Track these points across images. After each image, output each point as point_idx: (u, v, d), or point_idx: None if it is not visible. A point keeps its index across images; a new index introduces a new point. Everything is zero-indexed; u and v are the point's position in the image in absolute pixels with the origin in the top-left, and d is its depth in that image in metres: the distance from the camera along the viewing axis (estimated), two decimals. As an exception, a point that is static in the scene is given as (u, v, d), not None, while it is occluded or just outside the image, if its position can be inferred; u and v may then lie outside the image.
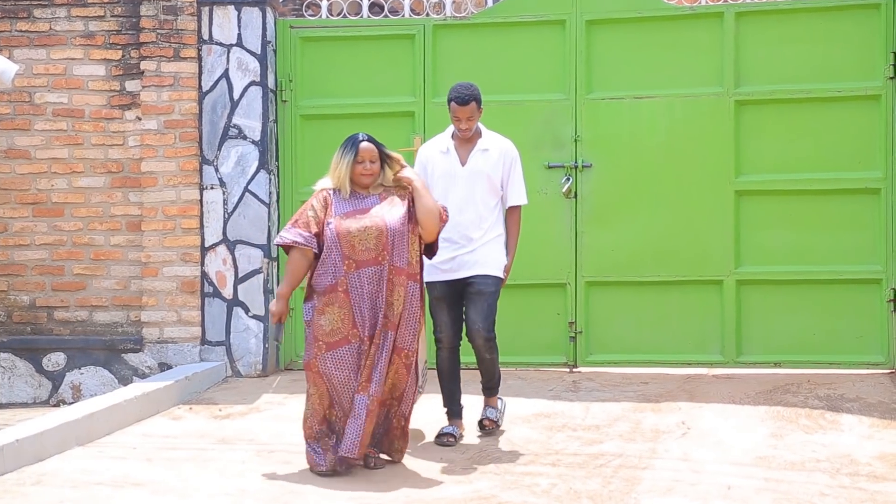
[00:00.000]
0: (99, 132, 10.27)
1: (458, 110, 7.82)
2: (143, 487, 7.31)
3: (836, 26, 9.65)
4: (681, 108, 9.87)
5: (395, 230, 7.08)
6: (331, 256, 7.05)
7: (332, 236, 7.05)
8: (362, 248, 7.03)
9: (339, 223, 7.06)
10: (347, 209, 7.13)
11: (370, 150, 7.22)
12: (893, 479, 7.47)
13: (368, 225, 7.04)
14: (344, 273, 7.03)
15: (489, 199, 7.89)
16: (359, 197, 7.21)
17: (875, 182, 9.54)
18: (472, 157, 7.90)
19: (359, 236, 7.03)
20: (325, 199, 7.17)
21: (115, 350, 10.17)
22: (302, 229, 7.11)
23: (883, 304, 9.52)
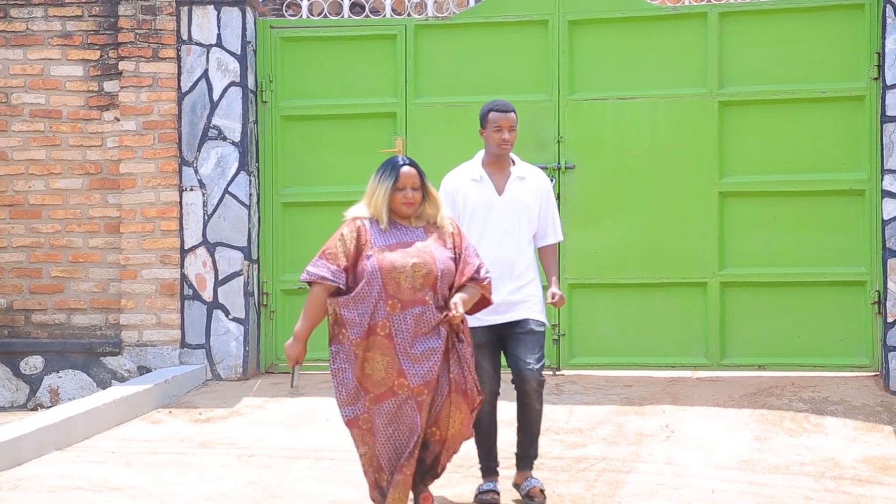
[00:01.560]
0: (77, 133, 10.25)
1: (501, 119, 7.03)
2: (122, 492, 7.31)
3: (820, 27, 9.68)
4: (664, 109, 9.89)
5: (446, 270, 6.18)
6: (371, 294, 6.07)
7: (374, 271, 6.08)
8: (408, 287, 6.06)
9: (381, 257, 6.10)
10: (389, 241, 6.18)
11: (412, 175, 6.28)
12: (878, 483, 7.49)
13: (417, 261, 6.10)
14: (387, 314, 6.05)
15: (528, 232, 7.07)
16: (400, 228, 6.26)
17: (859, 183, 9.57)
18: (510, 185, 7.03)
19: (405, 273, 6.06)
20: (359, 230, 6.21)
21: (93, 353, 10.15)
22: (329, 262, 6.18)
23: (867, 306, 9.54)
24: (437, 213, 6.29)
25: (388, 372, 6.05)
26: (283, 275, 10.28)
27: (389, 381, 6.05)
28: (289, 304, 10.28)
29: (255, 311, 10.20)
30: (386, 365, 6.05)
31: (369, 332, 6.06)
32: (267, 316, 10.28)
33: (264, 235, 10.28)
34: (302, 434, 8.63)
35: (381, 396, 6.07)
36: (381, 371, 6.06)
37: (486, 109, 7.11)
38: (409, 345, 6.03)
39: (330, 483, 7.56)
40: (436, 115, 10.14)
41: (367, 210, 6.31)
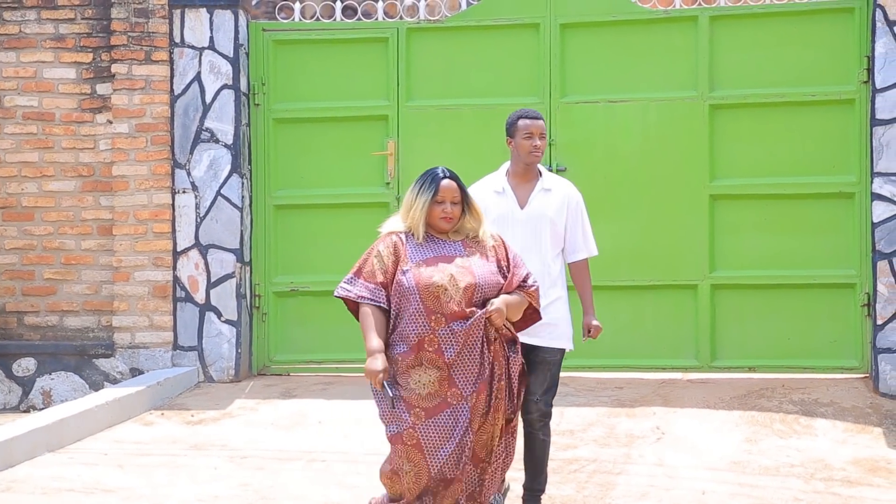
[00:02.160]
0: (70, 136, 10.26)
1: (532, 126, 6.67)
2: (115, 494, 7.32)
3: (810, 30, 9.70)
4: (655, 112, 9.91)
5: (488, 285, 5.86)
6: (409, 310, 5.80)
7: (411, 287, 5.80)
8: (447, 301, 5.76)
9: (417, 272, 5.81)
10: (426, 255, 5.88)
11: (452, 189, 5.96)
12: (867, 484, 7.52)
13: (455, 275, 5.80)
14: (431, 330, 5.77)
15: (553, 248, 6.72)
16: (438, 242, 5.96)
17: (849, 186, 9.59)
18: (534, 198, 6.68)
19: (443, 287, 5.77)
20: (396, 245, 5.91)
21: (86, 355, 10.17)
22: (367, 280, 5.90)
23: (857, 308, 9.57)
24: (479, 227, 5.98)
25: (440, 385, 5.77)
26: (275, 277, 10.30)
27: (442, 394, 5.78)
28: (281, 307, 10.30)
29: (248, 314, 10.22)
30: (438, 378, 5.77)
31: (413, 349, 5.79)
32: (259, 318, 10.30)
33: (256, 238, 10.29)
34: (294, 436, 8.65)
35: (435, 409, 5.78)
36: (433, 384, 5.77)
37: (515, 117, 6.76)
38: (457, 356, 5.76)
39: (322, 484, 7.58)
40: (428, 118, 10.16)
41: (402, 223, 5.99)
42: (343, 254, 10.20)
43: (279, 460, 8.07)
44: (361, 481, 7.62)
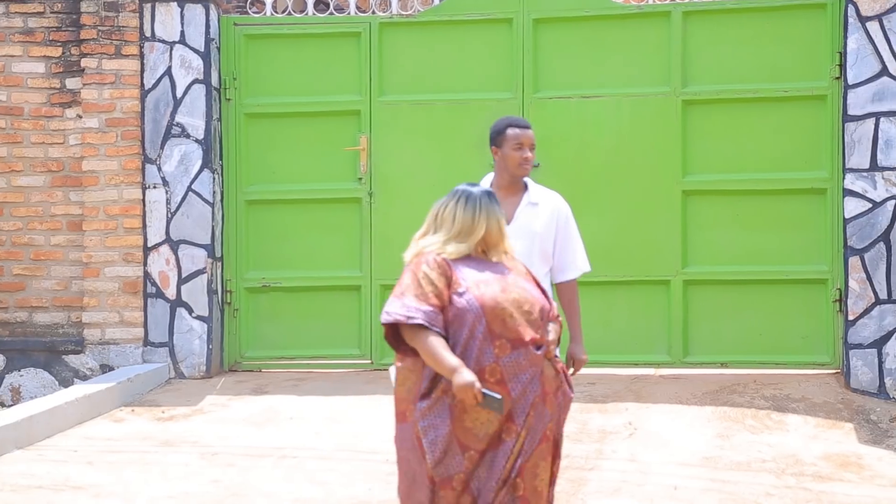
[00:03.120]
0: (39, 130, 10.23)
1: (522, 136, 6.26)
2: (84, 491, 7.31)
3: (782, 26, 9.74)
4: (628, 108, 9.93)
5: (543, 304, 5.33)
6: (470, 336, 5.12)
7: (475, 309, 5.13)
8: (513, 325, 5.13)
9: (479, 293, 5.16)
10: (481, 276, 5.24)
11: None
12: (838, 479, 7.56)
13: (517, 296, 5.20)
14: (495, 357, 5.10)
15: (541, 266, 6.28)
16: (482, 262, 5.33)
17: (821, 182, 9.64)
18: (520, 212, 6.29)
19: (508, 309, 5.15)
20: (442, 266, 5.24)
21: (55, 352, 10.14)
22: (420, 302, 5.17)
23: (829, 304, 9.62)
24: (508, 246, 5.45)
25: (500, 421, 5.12)
26: (246, 273, 10.29)
27: (499, 426, 5.13)
28: (252, 302, 10.29)
29: (219, 310, 10.21)
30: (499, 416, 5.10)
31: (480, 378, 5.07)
32: (230, 314, 10.28)
33: (228, 233, 10.27)
34: (265, 432, 8.65)
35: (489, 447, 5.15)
36: (494, 423, 5.10)
37: (503, 125, 6.31)
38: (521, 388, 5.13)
39: (293, 481, 7.58)
40: (400, 113, 10.16)
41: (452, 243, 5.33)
42: (315, 249, 10.24)
43: (250, 457, 8.07)
44: (333, 478, 7.63)
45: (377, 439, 8.32)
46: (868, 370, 9.24)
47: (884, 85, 9.28)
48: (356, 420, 8.83)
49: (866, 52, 9.32)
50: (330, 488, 7.44)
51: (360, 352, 10.18)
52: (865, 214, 9.31)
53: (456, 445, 5.10)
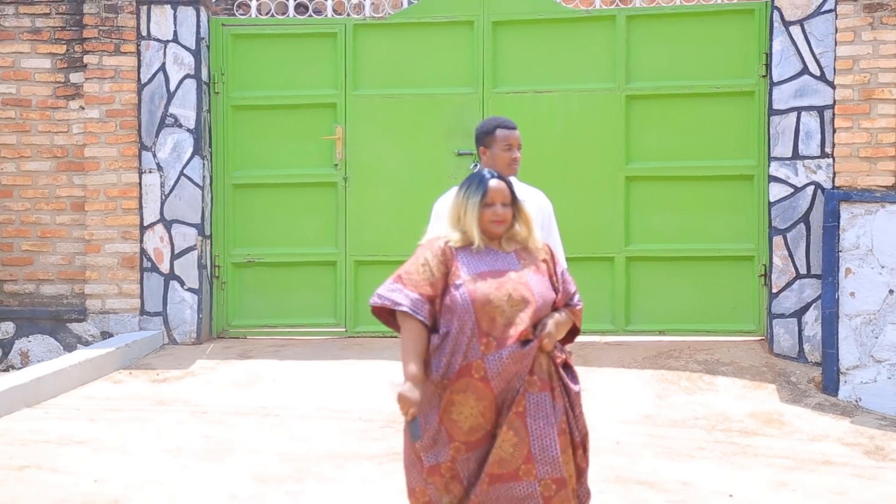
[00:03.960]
0: (45, 120, 10.19)
1: (511, 136, 5.78)
2: (87, 445, 7.31)
3: (715, 29, 9.77)
4: (577, 102, 9.96)
5: (545, 304, 4.80)
6: (459, 331, 4.71)
7: (465, 304, 4.70)
8: (503, 323, 4.69)
9: (473, 287, 4.72)
10: (480, 268, 4.78)
11: (502, 190, 4.88)
12: (762, 434, 7.64)
13: (512, 293, 4.72)
14: (481, 354, 4.68)
15: None
16: (490, 253, 4.84)
17: (749, 169, 9.70)
18: None
19: (501, 307, 4.70)
20: (445, 253, 4.80)
21: (60, 320, 10.12)
22: (408, 288, 4.76)
23: (755, 278, 9.69)
24: (530, 236, 4.91)
25: (485, 416, 4.70)
26: (233, 249, 10.29)
27: (488, 426, 4.71)
28: (238, 276, 10.29)
29: (208, 282, 10.21)
30: (483, 409, 4.68)
31: (460, 374, 4.69)
32: (218, 286, 10.29)
33: (216, 214, 10.27)
34: (250, 393, 8.66)
35: (477, 443, 4.72)
36: (476, 417, 4.69)
37: (492, 126, 5.82)
38: (506, 385, 4.69)
39: (276, 437, 7.60)
40: (373, 106, 10.17)
41: (452, 230, 4.88)
42: (295, 228, 10.25)
43: (237, 415, 8.08)
44: (312, 434, 7.65)
45: (351, 399, 8.35)
46: (789, 337, 9.32)
47: (805, 82, 9.35)
48: (332, 382, 8.85)
49: (789, 53, 9.38)
50: (309, 443, 7.46)
51: (336, 320, 10.20)
52: (788, 198, 9.38)
53: (444, 435, 4.72)
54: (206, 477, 6.84)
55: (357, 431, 7.62)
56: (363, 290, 10.00)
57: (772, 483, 6.84)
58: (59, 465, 6.90)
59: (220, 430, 7.71)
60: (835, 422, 8.09)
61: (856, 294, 8.82)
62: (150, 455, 7.18)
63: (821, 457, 7.36)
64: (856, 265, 8.83)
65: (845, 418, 8.19)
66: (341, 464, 7.06)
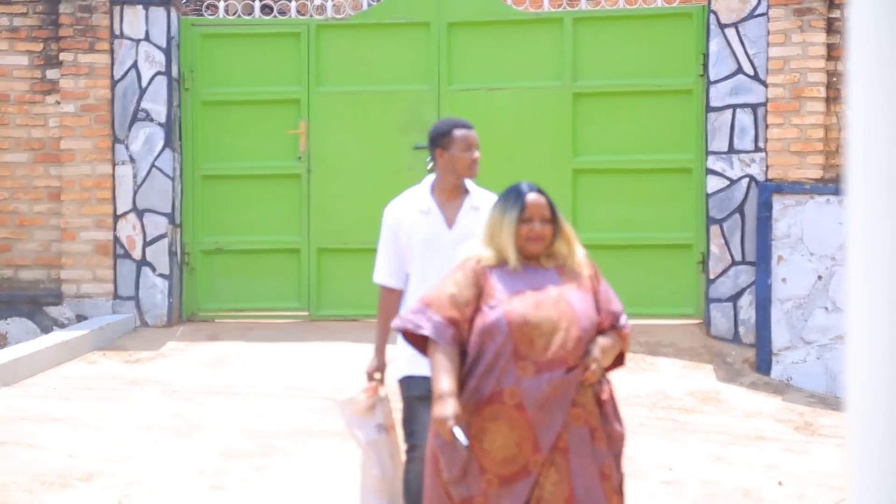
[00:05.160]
0: (23, 114, 10.08)
1: (469, 136, 5.27)
2: (62, 422, 7.26)
3: (656, 31, 9.80)
4: (527, 99, 9.97)
5: (588, 323, 4.15)
6: (494, 353, 4.08)
7: (500, 324, 4.08)
8: (542, 346, 4.05)
9: (510, 308, 4.10)
10: (517, 287, 4.16)
11: (540, 205, 4.29)
12: (700, 412, 7.67)
13: (553, 314, 4.09)
14: (516, 379, 4.05)
15: None
16: (528, 271, 4.23)
17: (687, 163, 9.73)
18: (462, 216, 5.21)
19: (539, 328, 4.06)
20: (476, 273, 4.20)
21: (37, 303, 10.03)
22: (433, 312, 4.16)
23: (694, 265, 9.73)
24: (571, 255, 4.31)
25: (520, 447, 4.05)
26: (202, 237, 10.22)
27: (523, 459, 4.05)
28: (207, 262, 10.23)
29: (178, 268, 10.14)
30: (518, 440, 4.04)
31: (491, 400, 4.07)
32: (188, 272, 10.22)
33: (186, 203, 10.20)
34: (219, 373, 8.62)
35: (513, 477, 4.06)
36: (511, 447, 4.05)
37: (447, 127, 5.28)
38: (544, 414, 4.04)
39: (243, 415, 7.57)
40: (335, 102, 10.12)
41: (487, 249, 4.27)
42: (261, 218, 10.19)
43: (206, 394, 8.05)
44: (277, 412, 7.63)
45: (315, 380, 8.33)
46: (725, 320, 9.36)
47: (739, 81, 9.38)
48: (297, 363, 8.83)
49: (725, 54, 9.41)
50: (274, 421, 7.43)
51: (300, 305, 10.17)
52: (724, 190, 9.42)
53: (475, 466, 4.08)
54: (176, 452, 6.80)
55: (320, 410, 7.59)
56: (326, 275, 9.99)
57: (709, 457, 6.86)
58: (35, 441, 6.84)
59: (189, 409, 7.67)
60: (767, 399, 8.14)
61: (787, 280, 8.87)
62: (123, 432, 7.13)
63: (755, 432, 7.40)
64: (787, 253, 8.87)
65: (777, 396, 8.24)
66: (305, 440, 7.03)
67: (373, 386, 5.16)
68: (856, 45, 1.55)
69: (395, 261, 5.18)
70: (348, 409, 5.15)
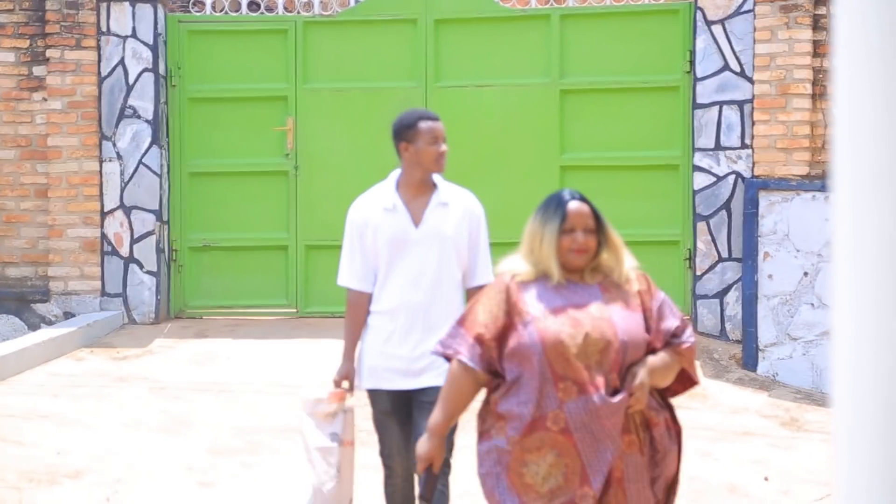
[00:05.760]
0: (10, 111, 10.05)
1: (435, 128, 4.96)
2: (50, 419, 7.24)
3: (643, 28, 9.81)
4: (515, 96, 9.97)
5: (631, 342, 3.78)
6: (530, 375, 3.75)
7: (534, 344, 3.74)
8: (582, 365, 3.71)
9: (543, 326, 3.75)
10: (554, 304, 3.82)
11: (583, 213, 3.92)
12: (687, 407, 7.65)
13: (590, 331, 3.74)
14: (559, 402, 3.70)
15: (454, 272, 4.92)
16: (568, 286, 3.87)
17: (675, 160, 9.74)
18: (429, 214, 4.92)
19: (575, 346, 3.72)
20: (509, 290, 3.86)
21: (25, 301, 10.00)
22: (468, 331, 3.86)
23: (680, 261, 9.74)
24: (618, 266, 3.96)
25: (568, 478, 3.69)
26: (189, 234, 10.20)
27: (570, 491, 3.69)
28: (194, 259, 10.22)
29: (166, 265, 10.12)
30: (565, 469, 3.69)
31: (533, 427, 3.72)
32: (176, 269, 10.20)
33: (173, 200, 10.18)
34: (206, 370, 8.61)
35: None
36: (556, 477, 3.69)
37: (413, 119, 4.97)
38: (593, 440, 3.68)
39: (231, 411, 7.57)
40: (322, 99, 10.11)
41: (524, 262, 3.93)
42: (248, 214, 10.18)
43: (193, 391, 8.04)
44: (265, 408, 7.62)
45: (301, 376, 8.32)
46: (712, 317, 9.38)
47: (726, 78, 9.40)
48: (284, 360, 8.82)
49: (712, 51, 9.42)
50: (262, 417, 7.43)
51: (287, 302, 10.16)
52: (711, 187, 9.44)
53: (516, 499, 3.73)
54: (164, 449, 6.79)
55: (307, 406, 7.58)
56: (313, 272, 9.98)
57: (697, 453, 6.87)
58: (23, 438, 6.82)
59: (177, 405, 7.66)
60: (754, 395, 8.15)
61: (773, 276, 8.89)
62: (111, 428, 7.12)
63: (741, 428, 7.41)
64: (773, 249, 8.89)
65: (763, 392, 8.25)
66: (292, 436, 7.02)
67: (338, 393, 4.95)
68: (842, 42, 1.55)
69: (361, 262, 4.95)
70: (309, 407, 4.97)
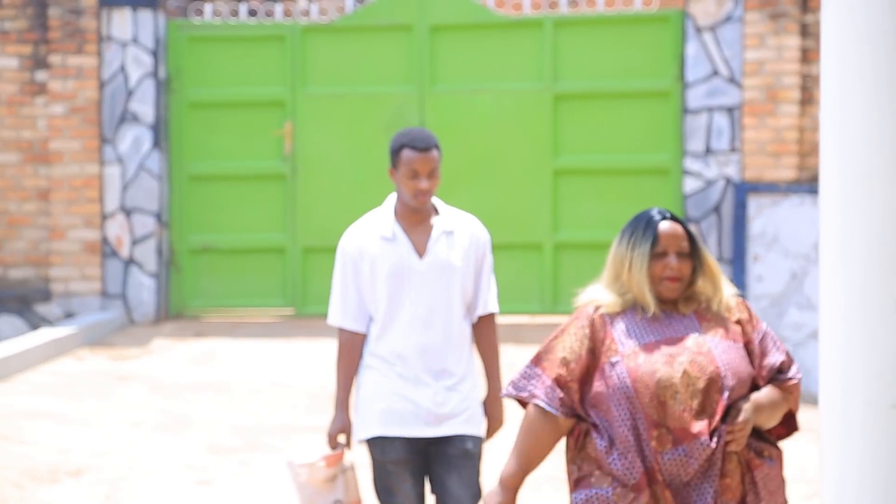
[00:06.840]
0: (12, 115, 10.04)
1: (417, 160, 4.40)
2: (51, 418, 7.25)
3: (634, 34, 9.83)
4: (508, 101, 9.98)
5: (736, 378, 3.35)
6: (620, 422, 3.31)
7: (623, 386, 3.32)
8: (680, 409, 3.27)
9: (635, 364, 3.33)
10: (646, 339, 3.39)
11: (677, 235, 3.49)
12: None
13: (688, 368, 3.30)
14: (654, 453, 3.27)
15: (460, 307, 4.44)
16: (661, 319, 3.44)
17: (665, 164, 9.75)
18: (434, 243, 4.42)
19: (672, 388, 3.28)
20: (594, 323, 3.49)
21: (27, 302, 9.99)
22: (547, 372, 3.45)
23: (671, 263, 9.75)
24: (717, 294, 3.50)
25: None
26: (189, 236, 10.19)
27: None
28: (194, 261, 10.20)
29: (165, 267, 10.12)
30: None
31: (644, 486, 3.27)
32: (175, 271, 10.19)
33: (173, 203, 10.18)
34: (205, 370, 8.61)
35: None
36: None
37: (399, 144, 4.47)
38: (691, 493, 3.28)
39: (230, 411, 7.57)
40: (320, 103, 10.11)
41: (608, 291, 3.56)
42: (247, 217, 10.18)
43: (192, 390, 8.04)
44: (263, 408, 7.63)
45: (299, 375, 8.33)
46: (702, 317, 9.38)
47: (715, 84, 9.42)
48: (281, 359, 8.82)
49: (701, 57, 9.44)
50: (260, 416, 7.43)
51: (285, 302, 10.15)
52: (701, 191, 9.46)
53: None
54: (163, 448, 6.79)
55: (304, 405, 7.60)
56: (311, 274, 9.98)
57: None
58: (25, 436, 6.82)
59: (176, 404, 7.66)
60: (743, 394, 8.16)
61: (762, 278, 8.91)
62: (111, 427, 7.12)
63: (730, 426, 7.42)
64: (762, 251, 8.91)
65: (752, 391, 8.26)
66: (290, 435, 7.03)
67: (336, 455, 4.28)
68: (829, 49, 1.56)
69: (355, 299, 4.36)
70: (303, 476, 4.20)
